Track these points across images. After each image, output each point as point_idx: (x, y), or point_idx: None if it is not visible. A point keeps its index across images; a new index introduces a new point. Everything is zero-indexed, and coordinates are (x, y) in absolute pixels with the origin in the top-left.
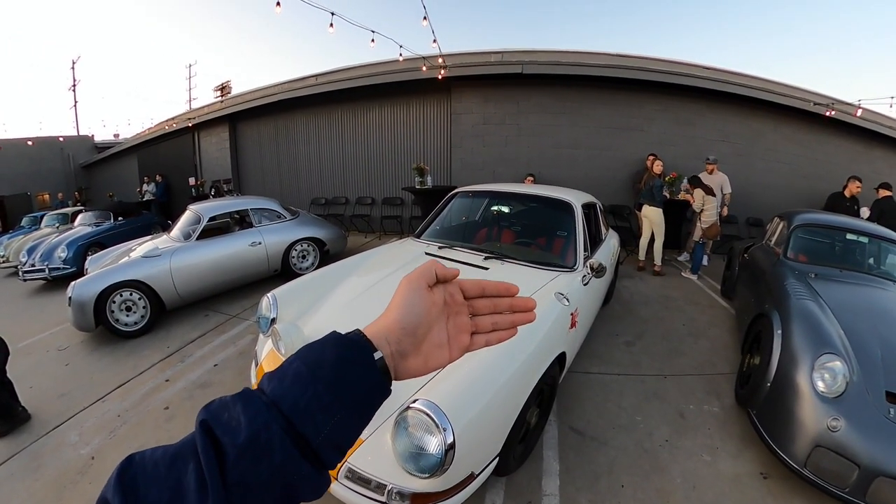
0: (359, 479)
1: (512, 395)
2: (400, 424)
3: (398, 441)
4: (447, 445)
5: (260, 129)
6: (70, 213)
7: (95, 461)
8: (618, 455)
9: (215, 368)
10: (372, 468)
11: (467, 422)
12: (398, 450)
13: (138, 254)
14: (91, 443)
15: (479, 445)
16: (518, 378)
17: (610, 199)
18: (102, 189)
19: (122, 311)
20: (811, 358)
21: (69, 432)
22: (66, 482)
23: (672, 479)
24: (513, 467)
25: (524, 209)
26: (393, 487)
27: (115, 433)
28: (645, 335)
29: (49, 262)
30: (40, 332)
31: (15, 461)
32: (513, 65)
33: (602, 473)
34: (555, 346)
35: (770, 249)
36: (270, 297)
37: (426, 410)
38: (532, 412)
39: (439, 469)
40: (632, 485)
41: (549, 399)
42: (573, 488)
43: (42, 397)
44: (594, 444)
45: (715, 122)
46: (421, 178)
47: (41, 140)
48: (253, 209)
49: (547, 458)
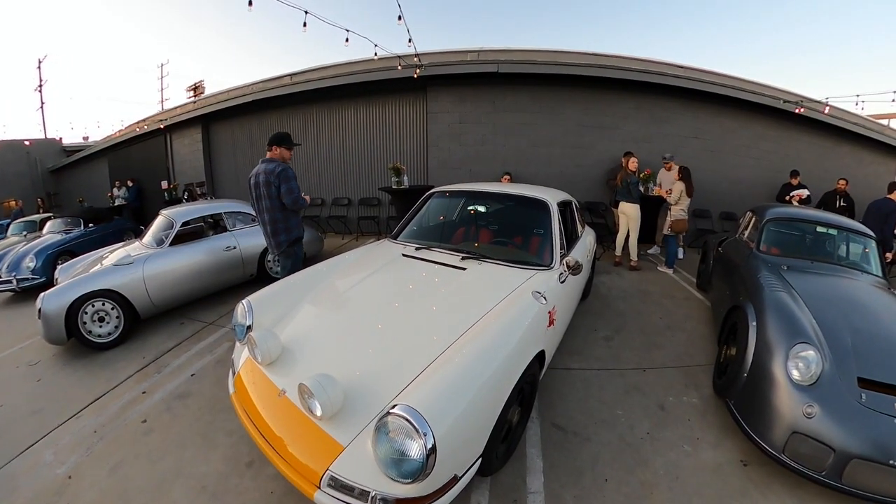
0: (342, 487)
1: (492, 395)
2: (380, 430)
3: (379, 447)
4: (428, 450)
5: (234, 130)
6: (38, 220)
7: (73, 480)
8: (601, 450)
9: (193, 378)
10: (354, 475)
11: (448, 425)
12: (380, 456)
13: (110, 262)
14: (67, 461)
15: (461, 448)
16: (497, 378)
17: (586, 195)
18: (72, 194)
19: (94, 322)
20: (785, 348)
21: (44, 451)
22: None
23: (655, 471)
24: (497, 467)
25: (501, 208)
26: (376, 494)
27: (91, 450)
28: (623, 329)
29: (17, 272)
30: (9, 346)
31: None
32: (488, 64)
33: (586, 469)
34: (533, 345)
35: (743, 243)
36: (246, 304)
37: (406, 416)
38: (513, 411)
39: (421, 474)
40: (616, 479)
41: (530, 397)
42: (558, 485)
43: (13, 416)
44: (577, 439)
45: (688, 120)
46: (397, 177)
47: (5, 143)
48: (227, 213)
49: (531, 456)
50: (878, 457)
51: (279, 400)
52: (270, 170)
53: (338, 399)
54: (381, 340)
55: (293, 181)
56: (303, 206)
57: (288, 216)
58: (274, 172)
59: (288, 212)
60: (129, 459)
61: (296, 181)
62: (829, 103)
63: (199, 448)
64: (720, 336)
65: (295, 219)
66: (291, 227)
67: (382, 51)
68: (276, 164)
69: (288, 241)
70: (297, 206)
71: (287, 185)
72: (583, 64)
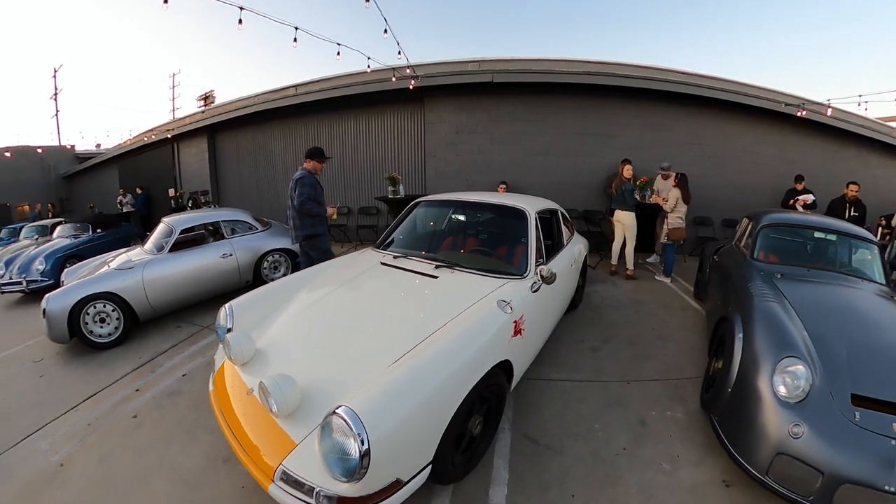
0: (293, 482)
1: (440, 403)
2: (325, 429)
3: (323, 444)
4: (362, 452)
5: (238, 140)
6: (49, 224)
7: (65, 468)
8: (572, 464)
9: (184, 378)
10: (303, 471)
11: (386, 428)
12: (323, 453)
13: (112, 266)
14: (61, 451)
15: (403, 453)
16: (448, 386)
17: (582, 204)
18: (84, 200)
19: (95, 323)
20: (772, 362)
21: (41, 441)
22: (36, 489)
23: (627, 489)
24: (456, 476)
25: (480, 217)
26: (320, 490)
27: (84, 441)
28: (612, 340)
29: (27, 274)
30: (16, 344)
31: None
32: (483, 73)
33: (553, 483)
34: (493, 355)
35: (738, 250)
36: (227, 308)
37: (344, 417)
38: (475, 420)
39: (357, 473)
40: (583, 495)
41: (497, 407)
42: (521, 498)
43: (16, 408)
44: (548, 452)
45: (688, 126)
46: (394, 187)
47: (20, 150)
48: (224, 221)
49: (497, 467)
50: (872, 481)
51: (248, 398)
52: (296, 176)
53: (293, 398)
54: (344, 345)
55: (306, 188)
56: (311, 210)
57: (302, 216)
58: (296, 178)
59: (302, 212)
60: (117, 451)
61: (311, 189)
62: (832, 105)
63: (182, 443)
64: (710, 348)
65: (308, 220)
66: (305, 226)
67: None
68: (302, 172)
69: (298, 237)
70: (302, 209)
71: (300, 189)
72: (579, 72)
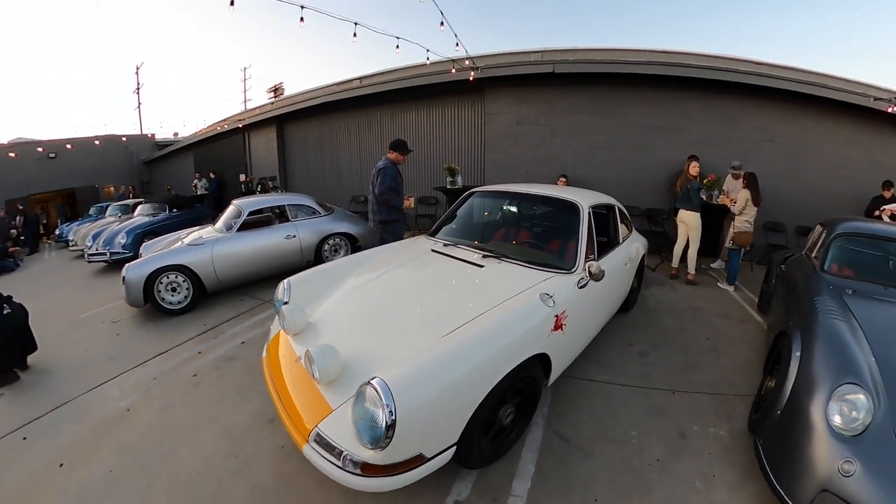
0: (325, 445)
1: (471, 387)
2: (359, 397)
3: (355, 412)
4: (388, 422)
5: (305, 130)
6: (131, 204)
7: (130, 413)
8: (600, 468)
9: (242, 345)
10: (335, 436)
11: (414, 404)
12: (354, 420)
13: (186, 242)
14: (128, 398)
15: (428, 429)
16: (480, 371)
17: (645, 201)
18: (162, 183)
19: (168, 292)
20: (829, 387)
21: (112, 389)
22: (105, 428)
23: (653, 502)
24: (481, 462)
25: (533, 209)
26: (348, 454)
27: (149, 392)
28: (662, 346)
29: (110, 247)
30: (98, 306)
31: (66, 407)
32: (545, 64)
33: (577, 484)
34: (530, 347)
35: (807, 260)
36: (286, 283)
37: (376, 387)
38: (505, 410)
39: (382, 441)
40: (606, 501)
41: (531, 400)
42: (542, 494)
43: (94, 359)
44: (578, 453)
45: (761, 121)
46: (452, 177)
47: (107, 138)
48: (290, 205)
49: (525, 460)
50: None
51: (296, 365)
52: (379, 166)
53: (335, 367)
54: (387, 324)
55: (388, 178)
56: (389, 200)
57: (379, 203)
58: (378, 168)
59: (380, 201)
60: (176, 404)
61: (392, 180)
62: None
63: (234, 402)
64: (766, 365)
65: (384, 208)
66: (382, 213)
67: (435, 55)
68: (385, 163)
69: (375, 221)
70: (381, 199)
71: (381, 179)
72: (643, 62)
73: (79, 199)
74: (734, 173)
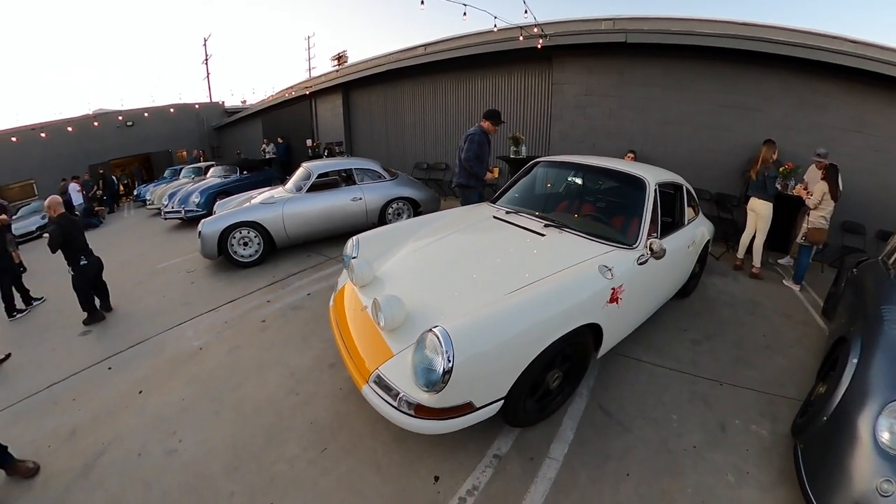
0: (383, 386)
1: (524, 345)
2: (420, 343)
3: (415, 356)
4: (445, 368)
5: (370, 97)
6: (203, 166)
7: (202, 351)
8: (637, 445)
9: (308, 297)
10: (394, 378)
11: (471, 354)
12: (413, 364)
13: (257, 201)
14: (201, 338)
15: (480, 380)
16: (533, 332)
17: (716, 185)
18: (231, 147)
19: (240, 245)
20: (883, 401)
21: (187, 329)
22: (179, 363)
23: (683, 486)
24: (524, 421)
25: (598, 182)
26: (404, 396)
27: (220, 334)
28: (716, 337)
29: (185, 205)
30: (175, 257)
31: (145, 344)
32: (616, 33)
33: (613, 457)
34: (583, 315)
35: (882, 266)
36: (354, 240)
37: (438, 335)
38: (553, 374)
39: (437, 385)
40: (638, 476)
41: (579, 369)
42: (578, 461)
43: (172, 304)
44: (617, 428)
45: (849, 108)
46: (516, 147)
47: (180, 107)
48: (356, 169)
49: (565, 426)
50: None
51: (361, 313)
52: (469, 132)
53: (399, 316)
54: (449, 281)
55: (475, 146)
56: (471, 168)
57: (461, 167)
58: (468, 134)
59: (463, 167)
60: (244, 345)
61: (479, 147)
62: None
63: (298, 347)
64: (820, 369)
65: (464, 172)
66: (462, 176)
67: (503, 22)
68: (475, 129)
69: (455, 182)
70: (465, 164)
71: (468, 146)
72: (721, 34)
73: (154, 162)
74: (818, 162)
